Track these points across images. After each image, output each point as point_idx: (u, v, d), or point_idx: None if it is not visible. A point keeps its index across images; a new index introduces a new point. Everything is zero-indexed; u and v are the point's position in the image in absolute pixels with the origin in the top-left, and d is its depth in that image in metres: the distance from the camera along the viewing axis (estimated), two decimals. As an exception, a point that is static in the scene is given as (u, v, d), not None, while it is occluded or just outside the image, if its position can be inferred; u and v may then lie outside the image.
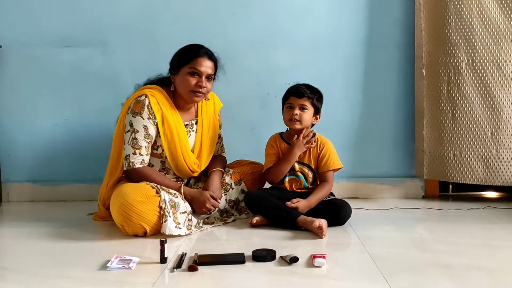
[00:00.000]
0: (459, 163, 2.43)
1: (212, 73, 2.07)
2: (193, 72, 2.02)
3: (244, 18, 2.60)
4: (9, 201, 2.66)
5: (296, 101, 2.08)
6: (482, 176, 2.41)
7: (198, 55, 2.03)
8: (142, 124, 1.98)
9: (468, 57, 2.38)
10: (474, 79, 2.39)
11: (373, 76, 2.62)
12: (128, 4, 2.60)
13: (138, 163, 1.99)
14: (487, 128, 2.39)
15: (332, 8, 2.60)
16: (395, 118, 2.64)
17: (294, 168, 2.13)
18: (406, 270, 1.48)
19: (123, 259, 1.55)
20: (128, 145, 1.98)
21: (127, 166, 1.99)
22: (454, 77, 2.41)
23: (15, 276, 1.49)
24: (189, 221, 1.96)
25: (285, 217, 1.94)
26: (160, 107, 2.02)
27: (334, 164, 2.12)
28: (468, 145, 2.42)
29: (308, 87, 2.10)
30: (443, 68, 2.43)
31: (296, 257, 1.53)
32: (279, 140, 2.18)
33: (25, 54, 2.62)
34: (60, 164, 2.66)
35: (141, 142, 1.98)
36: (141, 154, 1.99)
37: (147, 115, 1.99)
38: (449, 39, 2.40)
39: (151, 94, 2.02)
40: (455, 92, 2.41)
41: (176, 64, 2.06)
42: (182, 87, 2.04)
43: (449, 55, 2.41)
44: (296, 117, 2.07)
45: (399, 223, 2.09)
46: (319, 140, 2.14)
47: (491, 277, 1.43)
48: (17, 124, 2.65)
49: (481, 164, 2.41)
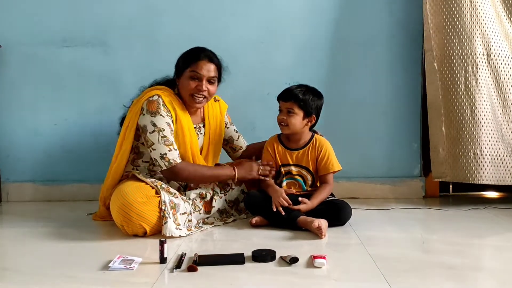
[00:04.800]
0: (479, 163, 2.29)
1: (215, 76, 2.06)
2: (194, 75, 2.02)
3: (244, 18, 2.60)
4: (8, 201, 2.66)
5: (283, 105, 2.05)
6: (503, 176, 2.31)
7: (198, 58, 2.03)
8: (165, 122, 1.98)
9: (486, 49, 2.28)
10: (493, 72, 2.29)
11: (374, 75, 2.62)
12: (129, 4, 2.60)
13: (178, 159, 1.98)
14: (508, 125, 2.31)
15: (333, 5, 2.59)
16: (397, 117, 2.64)
17: (292, 172, 2.12)
18: (406, 271, 1.47)
19: (126, 259, 1.55)
20: (160, 144, 1.96)
21: (168, 165, 1.97)
22: (472, 70, 2.29)
23: (15, 276, 1.49)
24: (189, 222, 1.96)
25: (285, 218, 1.93)
26: (174, 107, 2.02)
27: (333, 167, 2.09)
28: (489, 143, 2.30)
29: (299, 89, 2.04)
30: (460, 61, 2.30)
31: (296, 257, 1.53)
32: (276, 143, 2.16)
33: (25, 54, 2.62)
34: (60, 164, 2.66)
35: (170, 138, 1.98)
36: (176, 149, 1.99)
37: (166, 113, 1.99)
38: (465, 31, 2.29)
39: (163, 94, 2.02)
40: (474, 87, 2.29)
41: (180, 68, 2.07)
42: (184, 91, 2.05)
43: (466, 48, 2.29)
44: (284, 121, 2.05)
45: (400, 223, 2.08)
46: (317, 142, 2.11)
47: (492, 278, 1.42)
48: (17, 124, 2.65)
49: (503, 163, 2.31)
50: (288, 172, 2.12)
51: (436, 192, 2.65)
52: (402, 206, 2.39)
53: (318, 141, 2.12)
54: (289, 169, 2.12)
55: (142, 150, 2.08)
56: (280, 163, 2.14)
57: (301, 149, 2.12)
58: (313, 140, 2.12)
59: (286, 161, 2.13)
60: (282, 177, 2.13)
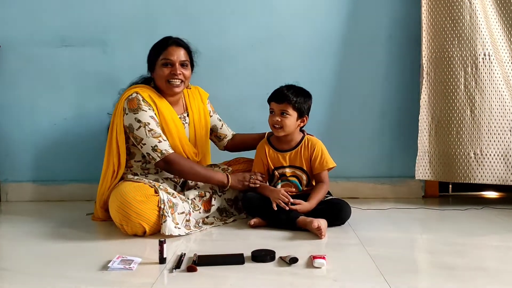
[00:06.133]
0: (480, 162, 2.32)
1: (186, 59, 2.09)
2: (165, 62, 2.05)
3: (244, 18, 2.59)
4: (8, 201, 2.65)
5: (277, 107, 2.02)
6: (503, 176, 2.32)
7: (167, 45, 2.07)
8: (149, 116, 1.99)
9: (485, 51, 2.29)
10: (492, 73, 2.30)
11: (374, 75, 2.62)
12: (128, 3, 2.59)
13: (169, 148, 2.00)
14: (506, 125, 2.31)
15: (332, 6, 2.59)
16: (396, 117, 2.64)
17: (286, 174, 2.10)
18: (406, 271, 1.47)
19: (125, 259, 1.55)
20: (148, 138, 1.97)
21: (161, 155, 1.98)
22: (471, 71, 2.31)
23: (14, 276, 1.49)
24: (187, 222, 1.96)
25: (284, 219, 1.93)
26: (154, 100, 2.04)
27: (328, 164, 2.08)
28: (488, 143, 2.32)
29: (291, 90, 2.01)
30: (459, 62, 2.32)
31: (295, 257, 1.52)
32: (267, 146, 2.13)
33: (24, 54, 2.61)
34: (59, 163, 2.65)
35: (157, 130, 1.99)
36: (165, 140, 2.01)
37: (147, 107, 2.00)
38: (464, 32, 2.31)
39: (141, 91, 2.04)
40: (473, 88, 2.31)
41: (151, 60, 2.10)
42: (159, 80, 2.07)
43: (465, 49, 2.31)
44: (278, 123, 2.02)
45: (399, 223, 2.08)
46: (309, 142, 2.10)
47: (491, 278, 1.42)
48: (16, 124, 2.65)
49: (502, 163, 2.32)
50: (282, 174, 2.11)
51: (435, 192, 2.65)
52: (402, 206, 2.39)
53: (310, 140, 2.10)
54: (283, 171, 2.10)
55: (132, 150, 2.09)
56: (272, 166, 2.12)
57: (293, 149, 2.10)
58: (305, 140, 2.10)
59: (279, 163, 2.11)
60: (277, 180, 2.12)
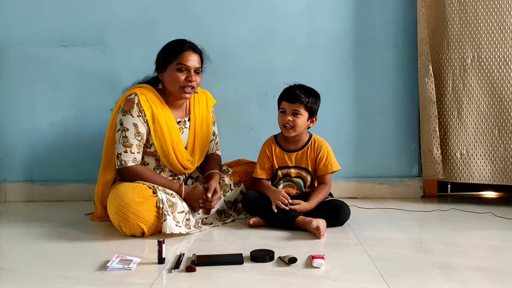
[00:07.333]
0: (466, 163, 2.38)
1: (199, 66, 2.06)
2: (181, 68, 2.01)
3: (243, 18, 2.60)
4: (6, 201, 2.65)
5: (289, 107, 2.00)
6: (489, 176, 2.37)
7: (183, 49, 2.02)
8: (132, 122, 1.98)
9: (473, 53, 2.33)
10: (480, 76, 2.34)
11: (373, 76, 2.62)
12: (127, 3, 2.59)
13: (130, 161, 1.98)
14: (493, 126, 2.35)
15: (331, 7, 2.59)
16: (395, 117, 2.64)
17: (290, 174, 2.10)
18: (405, 271, 1.47)
19: (124, 259, 1.55)
20: (119, 143, 1.98)
21: (119, 165, 1.98)
22: (460, 74, 2.36)
23: (12, 276, 1.48)
24: (187, 221, 1.95)
25: (283, 218, 1.93)
26: (150, 105, 2.01)
27: (332, 167, 2.07)
28: (474, 144, 2.37)
29: (302, 90, 2.00)
30: (448, 64, 2.37)
31: (294, 257, 1.52)
32: (274, 145, 2.13)
33: (23, 54, 2.61)
34: (58, 164, 2.65)
35: (131, 140, 1.98)
36: (133, 152, 1.99)
37: (137, 113, 1.99)
38: (453, 35, 2.36)
39: (140, 93, 2.02)
40: (461, 90, 2.36)
41: (162, 62, 2.06)
42: (172, 84, 2.04)
43: (454, 51, 2.36)
44: (290, 123, 2.00)
45: (398, 223, 2.08)
46: (316, 142, 2.09)
47: (491, 278, 1.42)
48: (14, 124, 2.65)
49: (489, 163, 2.36)
50: (286, 174, 2.11)
51: (434, 192, 2.65)
52: (401, 206, 2.39)
53: (317, 141, 2.10)
54: (287, 171, 2.10)
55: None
56: (277, 166, 2.12)
57: (299, 150, 2.10)
58: (312, 141, 2.10)
59: (285, 163, 2.11)
60: (279, 180, 2.12)
